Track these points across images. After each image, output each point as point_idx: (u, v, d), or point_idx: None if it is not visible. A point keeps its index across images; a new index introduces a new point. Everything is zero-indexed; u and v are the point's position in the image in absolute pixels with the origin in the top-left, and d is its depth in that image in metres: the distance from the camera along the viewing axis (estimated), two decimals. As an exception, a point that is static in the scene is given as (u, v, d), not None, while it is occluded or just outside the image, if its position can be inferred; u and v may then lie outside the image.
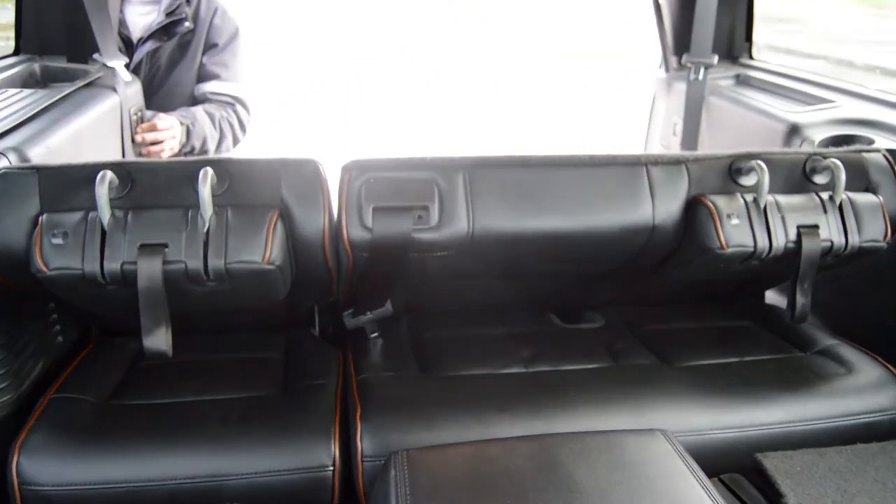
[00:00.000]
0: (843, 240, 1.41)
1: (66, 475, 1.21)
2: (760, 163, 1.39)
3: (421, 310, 1.67)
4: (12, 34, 2.24)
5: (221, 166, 1.28)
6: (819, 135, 1.88)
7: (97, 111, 1.92)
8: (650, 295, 1.75)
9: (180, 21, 2.39)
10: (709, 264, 1.42)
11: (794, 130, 1.94)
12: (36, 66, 2.14)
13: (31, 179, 1.25)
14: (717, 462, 1.29)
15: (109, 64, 2.07)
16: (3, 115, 1.67)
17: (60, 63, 2.18)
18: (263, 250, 1.23)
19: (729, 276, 1.53)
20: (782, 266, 1.44)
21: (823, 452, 1.35)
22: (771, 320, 1.69)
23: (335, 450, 1.27)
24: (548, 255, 1.45)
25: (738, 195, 1.41)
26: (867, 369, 1.48)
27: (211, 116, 2.41)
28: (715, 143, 2.29)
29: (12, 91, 1.88)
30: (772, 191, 1.39)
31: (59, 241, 1.21)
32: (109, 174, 1.22)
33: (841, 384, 1.45)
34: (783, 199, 1.41)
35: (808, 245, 1.39)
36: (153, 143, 2.21)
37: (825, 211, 1.41)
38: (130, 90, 2.13)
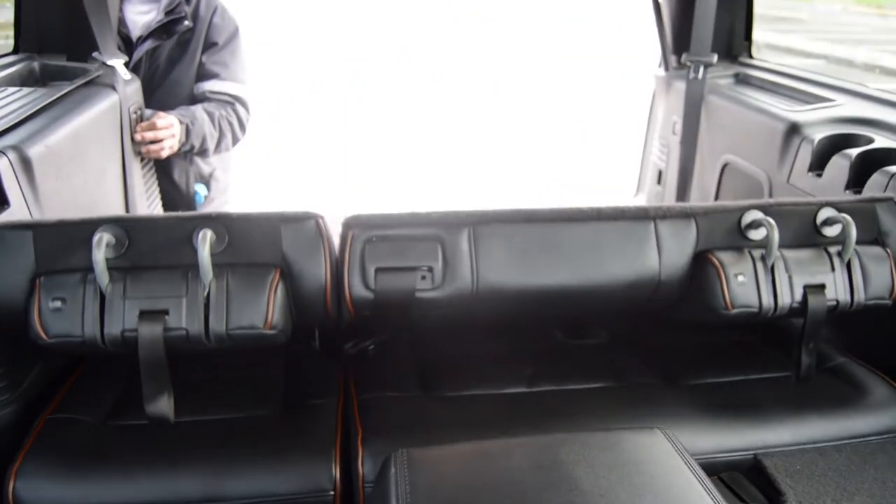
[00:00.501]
0: (848, 298, 1.40)
1: (63, 499, 1.19)
2: (770, 220, 1.37)
3: (422, 326, 1.67)
4: (11, 32, 2.24)
5: (220, 223, 1.26)
6: (818, 134, 1.88)
7: (96, 110, 1.92)
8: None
9: (180, 20, 2.38)
10: (711, 318, 1.41)
11: (793, 129, 1.94)
12: (35, 65, 2.14)
13: (26, 237, 1.23)
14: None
15: (109, 62, 2.07)
16: (2, 114, 1.67)
17: (60, 61, 2.18)
18: (265, 315, 1.22)
19: None
20: (786, 319, 1.43)
21: (823, 451, 1.35)
22: (776, 336, 1.68)
23: (336, 473, 1.25)
24: (551, 307, 1.44)
25: (747, 252, 1.39)
26: (875, 389, 1.46)
27: (210, 115, 2.40)
28: (714, 142, 2.29)
29: (11, 89, 1.88)
30: (781, 241, 1.37)
31: (57, 304, 1.20)
32: (106, 237, 1.20)
33: (849, 405, 1.43)
34: (792, 256, 1.39)
35: (814, 305, 1.38)
36: (152, 142, 2.21)
37: (833, 268, 1.40)
38: (130, 89, 2.13)
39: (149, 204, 2.28)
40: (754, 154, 2.08)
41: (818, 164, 1.83)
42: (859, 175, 1.69)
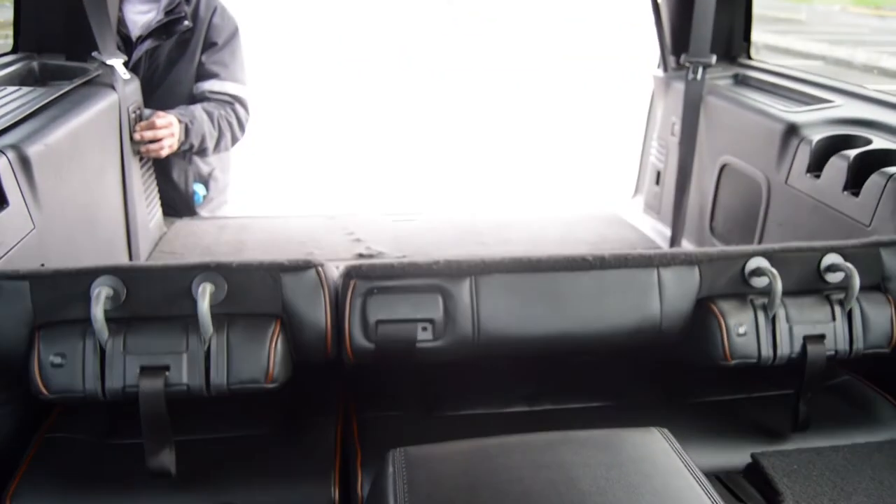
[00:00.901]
0: (847, 348, 1.39)
1: None
2: (773, 271, 1.36)
3: None
4: (10, 32, 2.24)
5: (219, 273, 1.26)
6: (816, 135, 1.88)
7: (96, 109, 1.92)
8: None
9: (179, 20, 2.39)
10: (709, 364, 1.40)
11: (791, 130, 1.94)
12: (34, 64, 2.14)
13: (23, 288, 1.23)
14: None
15: (108, 62, 2.07)
16: (1, 113, 1.67)
17: (59, 61, 2.18)
18: (266, 369, 1.23)
19: None
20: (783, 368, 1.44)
21: (820, 451, 1.35)
22: None
23: (335, 494, 1.25)
24: (551, 351, 1.43)
25: (749, 302, 1.38)
26: (879, 408, 1.46)
27: (210, 115, 2.41)
28: (713, 143, 2.30)
29: (11, 89, 1.88)
30: (784, 287, 1.37)
31: (57, 360, 1.20)
32: (105, 290, 1.20)
33: (851, 424, 1.43)
34: (793, 306, 1.39)
35: (813, 356, 1.37)
36: (151, 142, 2.21)
37: (833, 317, 1.39)
38: (129, 88, 2.13)
39: (147, 203, 2.28)
40: (753, 155, 2.08)
41: (816, 164, 1.83)
42: (857, 176, 1.69)
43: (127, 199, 2.06)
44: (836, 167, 1.75)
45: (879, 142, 1.79)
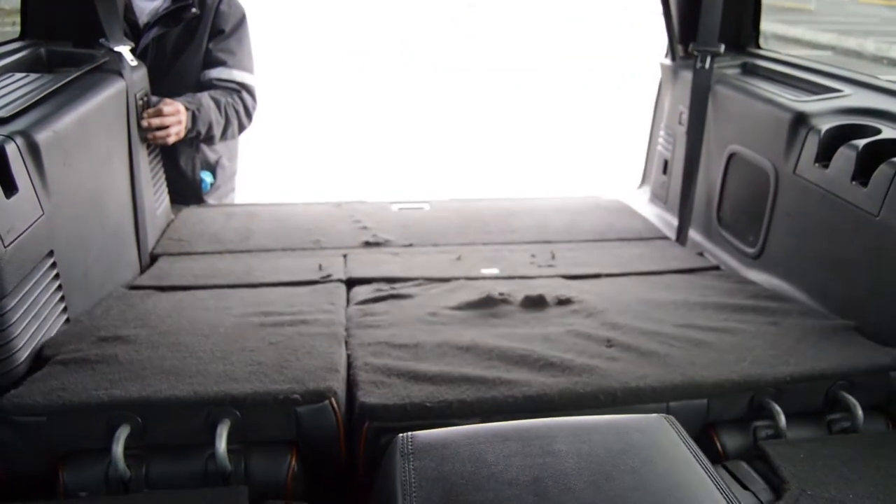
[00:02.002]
0: None
1: None
2: (778, 408, 1.41)
3: None
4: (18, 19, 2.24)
5: (235, 407, 1.30)
6: (825, 124, 1.87)
7: (103, 96, 1.92)
8: None
9: (186, 7, 2.39)
10: None
11: (799, 119, 1.93)
12: (42, 51, 2.14)
13: (41, 423, 1.28)
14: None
15: (116, 49, 2.07)
16: (10, 99, 1.67)
17: (67, 48, 2.18)
18: (284, 497, 1.28)
19: None
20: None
21: (826, 440, 1.35)
22: None
23: None
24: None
25: (751, 433, 1.43)
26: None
27: (217, 102, 2.41)
28: (720, 132, 2.29)
29: (19, 75, 1.88)
30: (786, 413, 1.41)
31: (83, 493, 1.26)
32: (124, 431, 1.26)
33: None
34: (794, 436, 1.42)
35: None
36: (159, 129, 2.21)
37: None
38: (136, 75, 2.13)
39: (155, 190, 2.29)
40: (761, 144, 2.07)
41: (825, 154, 1.82)
42: (866, 166, 1.68)
43: (134, 186, 2.06)
44: (845, 157, 1.74)
45: (889, 132, 1.78)
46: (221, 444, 1.25)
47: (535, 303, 1.77)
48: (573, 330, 1.62)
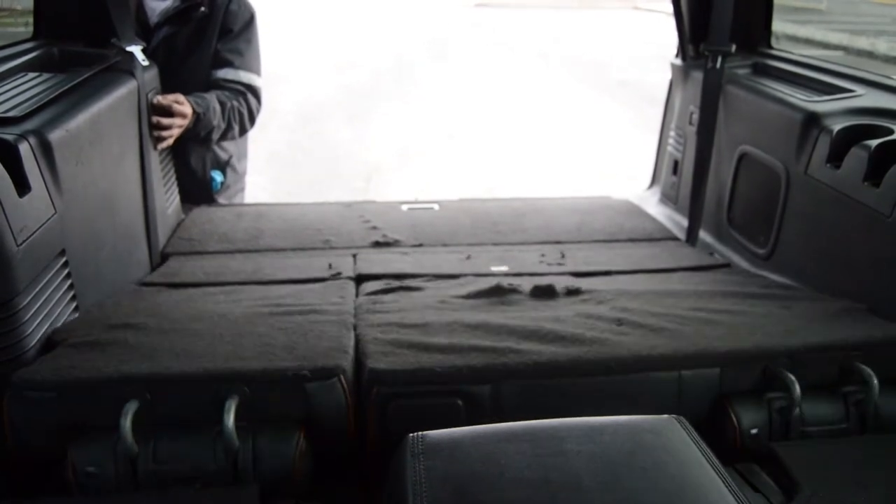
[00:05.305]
0: None
1: None
2: (792, 377, 1.38)
3: None
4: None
5: (244, 384, 1.30)
6: (837, 124, 1.86)
7: (115, 95, 1.93)
8: None
9: (196, 6, 2.39)
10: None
11: (811, 120, 1.92)
12: (55, 50, 2.15)
13: (50, 398, 1.28)
14: None
15: (127, 48, 2.07)
16: (23, 99, 1.68)
17: (79, 47, 2.19)
18: (291, 476, 1.27)
19: None
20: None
21: (838, 442, 1.34)
22: None
23: None
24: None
25: (766, 404, 1.40)
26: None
27: (222, 106, 2.41)
28: (731, 133, 2.28)
29: (32, 75, 1.89)
30: (801, 387, 1.38)
31: (90, 469, 1.25)
32: (132, 406, 1.25)
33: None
34: (809, 406, 1.40)
35: None
36: (164, 127, 2.21)
37: (849, 419, 1.40)
38: (148, 75, 2.14)
39: (166, 190, 2.30)
40: (772, 145, 2.06)
41: (836, 155, 1.81)
42: (878, 167, 1.67)
43: (146, 185, 2.07)
44: (857, 157, 1.73)
45: None
46: (229, 419, 1.24)
47: (545, 292, 1.76)
48: (583, 312, 1.62)
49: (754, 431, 1.38)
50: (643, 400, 1.39)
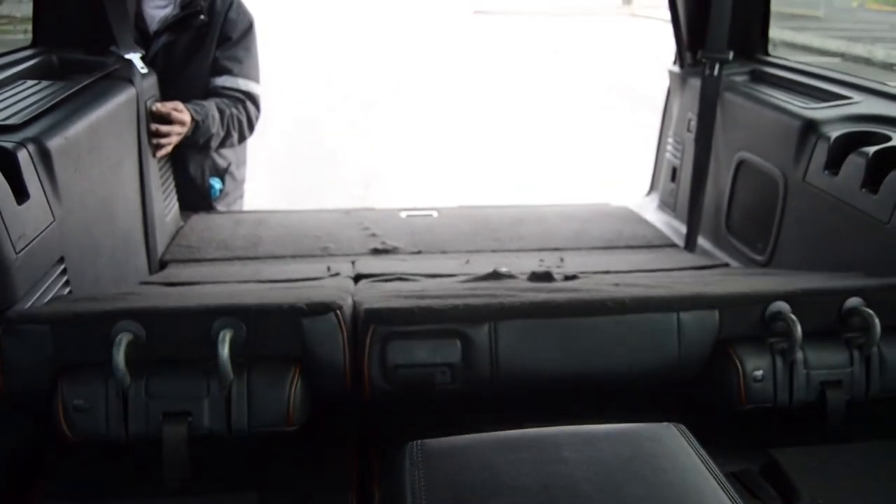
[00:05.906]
0: (863, 395, 1.40)
1: None
2: (793, 317, 1.37)
3: None
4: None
5: (239, 317, 1.28)
6: (834, 131, 1.86)
7: (114, 103, 1.93)
8: None
9: (195, 14, 2.40)
10: (724, 406, 1.41)
11: (809, 127, 1.92)
12: (54, 58, 2.15)
13: (44, 331, 1.26)
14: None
15: (126, 56, 2.08)
16: (22, 106, 1.68)
17: (78, 55, 2.19)
18: (287, 412, 1.25)
19: None
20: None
21: (839, 449, 1.34)
22: None
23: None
24: (567, 390, 1.45)
25: (768, 346, 1.39)
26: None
27: (221, 114, 2.41)
28: (729, 140, 2.28)
29: (31, 82, 1.89)
30: (803, 330, 1.37)
31: (80, 403, 1.23)
32: (126, 337, 1.22)
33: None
34: (812, 350, 1.39)
35: (831, 401, 1.38)
36: (162, 135, 2.21)
37: (852, 363, 1.40)
38: (147, 82, 2.14)
39: (165, 197, 2.30)
40: (770, 152, 2.07)
41: (834, 161, 1.81)
42: (876, 173, 1.68)
43: (144, 192, 2.07)
44: (855, 164, 1.73)
45: None
46: (224, 350, 1.22)
47: (542, 277, 1.76)
48: (582, 288, 1.62)
49: (759, 375, 1.36)
50: (643, 343, 1.38)
